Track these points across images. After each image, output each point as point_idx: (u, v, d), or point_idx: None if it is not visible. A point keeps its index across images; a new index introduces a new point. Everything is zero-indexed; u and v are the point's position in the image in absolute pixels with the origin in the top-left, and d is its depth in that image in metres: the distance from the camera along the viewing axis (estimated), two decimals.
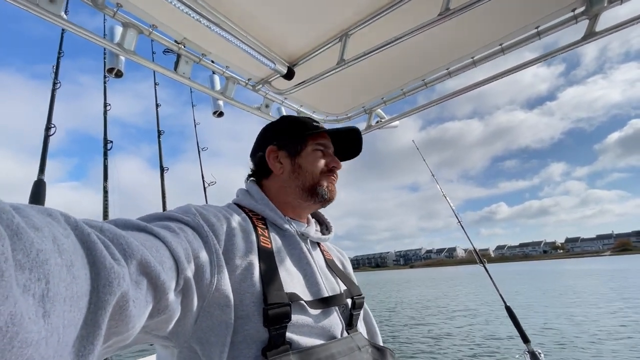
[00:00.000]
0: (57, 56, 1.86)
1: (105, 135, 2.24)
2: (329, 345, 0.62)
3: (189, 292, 0.48)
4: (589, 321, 9.79)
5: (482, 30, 1.40)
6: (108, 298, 0.30)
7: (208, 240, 0.55)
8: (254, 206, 0.76)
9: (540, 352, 1.63)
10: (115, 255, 0.33)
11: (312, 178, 0.79)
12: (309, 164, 0.79)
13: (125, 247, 0.36)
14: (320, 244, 0.84)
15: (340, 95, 1.86)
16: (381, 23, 1.28)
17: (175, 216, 0.56)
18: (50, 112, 1.64)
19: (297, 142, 0.81)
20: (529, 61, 1.48)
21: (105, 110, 2.32)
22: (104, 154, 2.22)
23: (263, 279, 0.59)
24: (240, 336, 0.54)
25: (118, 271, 0.32)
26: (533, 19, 1.33)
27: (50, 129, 1.55)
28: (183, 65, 1.45)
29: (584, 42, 1.31)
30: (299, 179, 0.79)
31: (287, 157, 0.80)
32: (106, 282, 0.30)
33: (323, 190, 0.79)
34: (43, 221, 0.27)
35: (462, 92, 1.71)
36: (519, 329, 1.73)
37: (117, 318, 0.33)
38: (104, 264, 0.31)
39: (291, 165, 0.80)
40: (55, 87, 1.77)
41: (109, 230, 0.36)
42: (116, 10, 1.20)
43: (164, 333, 0.49)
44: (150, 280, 0.38)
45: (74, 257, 0.28)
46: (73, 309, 0.26)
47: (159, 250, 0.42)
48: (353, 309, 0.73)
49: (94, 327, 0.29)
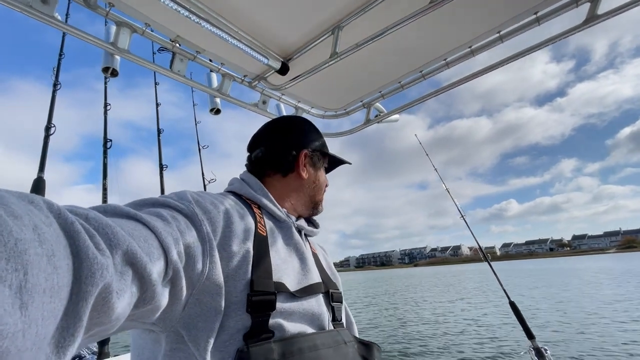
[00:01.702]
0: (57, 58, 1.91)
1: (105, 134, 2.27)
2: (313, 336, 0.61)
3: (178, 282, 0.47)
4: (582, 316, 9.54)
5: (478, 18, 1.36)
6: (90, 289, 0.29)
7: (201, 229, 0.54)
8: (252, 195, 0.75)
9: (546, 349, 1.59)
10: (99, 246, 0.33)
11: (318, 194, 0.88)
12: (320, 181, 0.88)
13: (111, 236, 0.35)
14: (308, 238, 0.85)
15: (338, 90, 1.84)
16: (373, 14, 1.25)
17: (169, 202, 0.54)
18: (50, 112, 1.65)
19: (321, 157, 0.89)
20: (532, 46, 1.42)
21: (106, 110, 2.34)
22: (104, 152, 2.24)
23: (253, 266, 0.59)
24: (232, 322, 0.54)
25: (101, 262, 0.31)
26: (532, 3, 1.28)
27: (50, 129, 1.58)
28: (178, 63, 1.46)
29: (586, 25, 1.26)
30: (313, 190, 0.86)
31: (312, 167, 0.87)
32: (89, 272, 0.29)
33: (320, 207, 0.89)
34: (24, 209, 0.26)
35: (463, 82, 1.66)
36: (524, 325, 1.69)
37: (100, 309, 0.32)
38: (87, 254, 0.30)
39: (312, 176, 0.86)
40: (56, 89, 1.80)
41: (95, 218, 0.36)
42: (109, 10, 1.21)
43: (150, 320, 0.48)
44: (136, 272, 0.37)
45: (56, 246, 0.27)
46: (53, 300, 0.25)
47: (147, 240, 0.42)
48: (332, 301, 0.73)
49: (74, 319, 0.28)
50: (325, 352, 0.60)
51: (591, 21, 1.23)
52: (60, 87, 1.83)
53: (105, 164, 2.20)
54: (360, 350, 0.69)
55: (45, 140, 1.59)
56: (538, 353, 1.66)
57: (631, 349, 6.43)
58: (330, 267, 0.86)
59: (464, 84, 1.67)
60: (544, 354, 1.63)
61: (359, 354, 0.68)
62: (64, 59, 1.92)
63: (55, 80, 1.83)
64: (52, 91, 1.80)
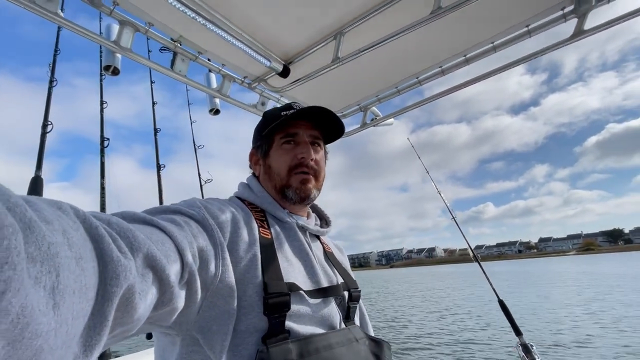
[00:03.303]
0: (53, 54, 1.87)
1: (102, 132, 2.24)
2: (327, 335, 0.63)
3: (193, 285, 0.49)
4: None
5: (474, 29, 1.42)
6: (115, 290, 0.31)
7: (213, 234, 0.56)
8: (254, 199, 0.77)
9: (532, 345, 1.66)
10: (122, 249, 0.34)
11: (281, 179, 0.76)
12: (275, 163, 0.76)
13: (132, 240, 0.36)
14: (320, 237, 0.85)
15: (336, 93, 1.88)
16: (375, 21, 1.30)
17: (180, 209, 0.56)
18: (47, 109, 1.64)
19: (265, 141, 0.79)
20: (523, 57, 1.50)
21: (102, 107, 2.31)
22: (101, 151, 2.22)
23: (264, 270, 0.60)
24: (243, 325, 0.56)
25: (125, 264, 0.32)
26: (523, 17, 1.35)
27: (48, 126, 1.55)
28: (179, 63, 1.47)
29: (574, 39, 1.34)
30: (271, 180, 0.77)
31: (261, 158, 0.80)
32: (113, 274, 0.31)
33: (292, 192, 0.75)
34: (53, 214, 0.27)
35: (456, 90, 1.73)
36: (512, 321, 1.76)
37: (123, 310, 0.33)
38: (111, 257, 0.31)
39: (264, 167, 0.79)
40: (52, 85, 1.77)
41: (117, 223, 0.37)
42: (112, 8, 1.21)
43: (167, 323, 0.49)
44: (156, 274, 0.39)
45: (83, 250, 0.28)
46: (81, 301, 0.27)
47: (164, 243, 0.43)
48: (350, 301, 0.74)
49: (101, 319, 0.29)
50: (339, 350, 0.62)
51: (578, 35, 1.31)
52: (57, 84, 1.81)
53: (103, 162, 2.16)
54: (371, 347, 0.71)
55: (42, 138, 1.56)
56: (525, 349, 1.73)
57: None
58: (346, 266, 0.87)
59: (457, 91, 1.74)
60: (530, 350, 1.71)
61: (371, 351, 0.71)
62: (59, 54, 1.91)
63: (51, 76, 1.79)
64: (48, 88, 1.76)
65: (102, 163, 2.20)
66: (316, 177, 0.78)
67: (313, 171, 0.77)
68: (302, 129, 0.78)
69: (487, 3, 1.24)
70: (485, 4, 1.25)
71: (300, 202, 0.77)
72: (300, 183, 0.75)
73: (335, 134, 0.83)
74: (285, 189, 0.75)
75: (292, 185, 0.75)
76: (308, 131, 0.78)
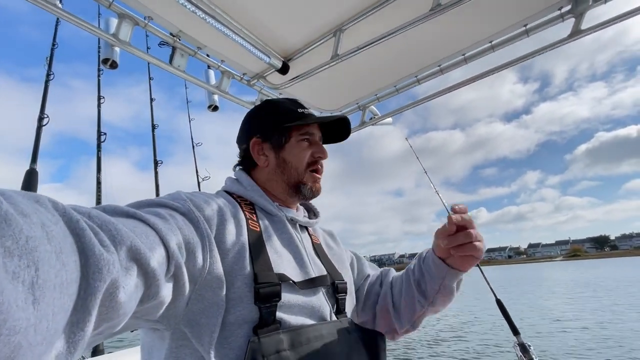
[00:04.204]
0: (50, 47, 1.85)
1: (99, 127, 2.19)
2: (319, 326, 0.63)
3: (180, 277, 0.48)
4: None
5: (472, 28, 1.43)
6: (98, 285, 0.30)
7: (199, 226, 0.55)
8: (243, 192, 0.76)
9: (529, 344, 1.66)
10: (104, 242, 0.33)
11: (297, 174, 0.77)
12: (293, 158, 0.77)
13: (115, 233, 0.35)
14: (308, 228, 0.85)
15: (334, 91, 1.88)
16: (375, 18, 1.30)
17: (165, 202, 0.55)
18: (43, 102, 1.62)
19: (281, 134, 0.77)
20: (521, 57, 1.51)
21: (99, 103, 2.26)
22: (98, 146, 2.17)
23: (253, 261, 0.60)
24: (232, 317, 0.55)
25: (107, 258, 0.32)
26: (521, 17, 1.36)
27: (44, 119, 1.54)
28: (178, 58, 1.46)
29: (571, 39, 1.35)
30: (284, 174, 0.77)
31: (272, 150, 0.78)
32: (96, 269, 0.30)
33: (307, 189, 0.77)
34: (31, 207, 0.27)
35: (455, 89, 1.74)
36: (509, 321, 1.76)
37: (107, 305, 0.33)
38: (93, 250, 0.31)
39: (276, 159, 0.78)
40: (49, 78, 1.75)
41: (97, 216, 0.36)
42: (112, 1, 1.21)
43: (155, 317, 0.49)
44: (141, 267, 0.38)
45: (63, 243, 0.28)
46: (63, 296, 0.26)
47: (148, 236, 0.42)
48: (337, 293, 0.73)
49: (84, 314, 0.29)
50: (331, 341, 0.62)
51: (576, 35, 1.33)
52: (54, 78, 1.79)
53: (99, 157, 2.13)
54: (364, 339, 0.71)
55: (37, 130, 1.54)
56: (522, 348, 1.73)
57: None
58: (337, 254, 0.86)
59: (452, 92, 1.74)
60: (527, 349, 1.72)
61: (363, 342, 0.70)
62: (57, 48, 1.89)
63: (48, 70, 1.77)
64: (45, 81, 1.74)
65: (99, 158, 2.16)
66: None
67: (322, 172, 0.82)
68: (316, 130, 0.82)
69: (485, 1, 1.25)
70: (484, 3, 1.26)
71: (308, 199, 0.81)
72: (313, 182, 0.79)
73: (332, 141, 0.89)
74: (301, 185, 0.77)
75: (307, 182, 0.78)
76: (318, 133, 0.83)
